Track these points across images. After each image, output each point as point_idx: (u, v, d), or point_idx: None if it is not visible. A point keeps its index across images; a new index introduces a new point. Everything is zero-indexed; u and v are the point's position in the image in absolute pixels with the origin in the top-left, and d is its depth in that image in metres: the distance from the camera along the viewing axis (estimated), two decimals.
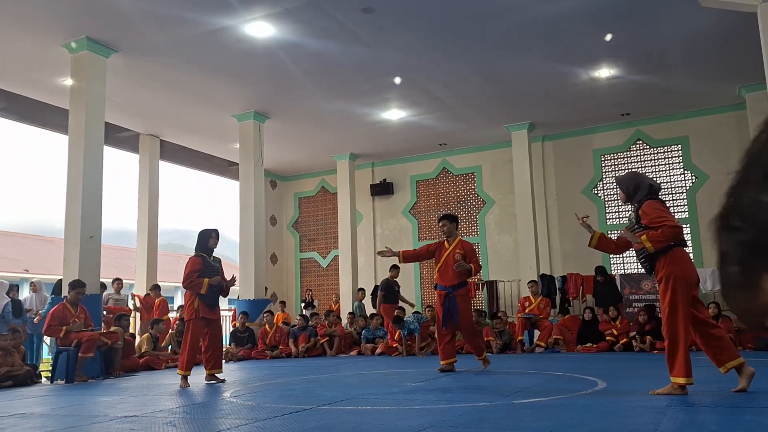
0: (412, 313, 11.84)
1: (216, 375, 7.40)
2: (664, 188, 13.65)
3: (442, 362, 7.74)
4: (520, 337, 11.37)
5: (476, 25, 9.28)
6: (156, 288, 13.24)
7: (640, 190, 5.22)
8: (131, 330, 11.81)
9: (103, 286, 11.04)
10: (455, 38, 9.68)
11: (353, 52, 9.99)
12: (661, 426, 3.66)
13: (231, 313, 15.50)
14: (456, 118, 13.35)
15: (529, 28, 9.44)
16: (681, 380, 4.83)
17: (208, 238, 7.35)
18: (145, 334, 10.81)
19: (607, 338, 10.99)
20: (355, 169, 16.28)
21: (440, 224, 8.02)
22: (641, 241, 4.95)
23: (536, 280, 12.70)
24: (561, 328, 11.57)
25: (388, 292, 12.57)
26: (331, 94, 11.76)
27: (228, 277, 7.47)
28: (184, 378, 7.12)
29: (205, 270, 7.12)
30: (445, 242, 7.84)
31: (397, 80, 11.18)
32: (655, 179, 5.39)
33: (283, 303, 14.93)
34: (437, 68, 10.81)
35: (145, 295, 13.16)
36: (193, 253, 7.44)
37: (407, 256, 8.04)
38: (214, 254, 7.48)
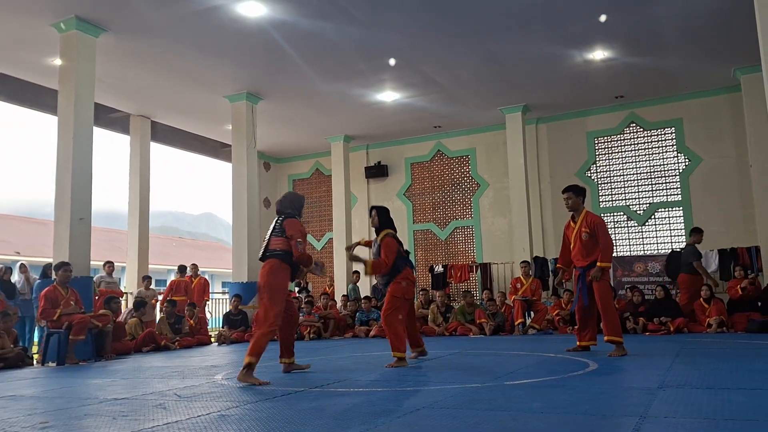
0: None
1: (419, 353, 7.07)
2: (658, 171, 13.67)
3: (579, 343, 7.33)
4: (520, 320, 11.30)
5: (472, 6, 9.18)
6: (182, 270, 13.42)
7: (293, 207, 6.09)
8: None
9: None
10: (450, 19, 9.58)
11: (347, 32, 9.89)
12: (652, 407, 3.66)
13: (225, 296, 15.50)
14: (450, 100, 13.28)
15: (524, 10, 9.35)
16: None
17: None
18: (133, 319, 10.78)
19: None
20: (350, 151, 16.21)
21: (564, 197, 7.20)
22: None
23: (529, 261, 12.69)
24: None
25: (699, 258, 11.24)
26: (325, 75, 11.66)
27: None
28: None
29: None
30: (570, 221, 7.23)
31: (392, 61, 11.09)
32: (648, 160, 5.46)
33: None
34: (432, 49, 10.72)
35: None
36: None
37: (564, 263, 7.38)
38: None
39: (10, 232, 26.27)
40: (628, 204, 13.92)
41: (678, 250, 11.87)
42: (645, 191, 13.79)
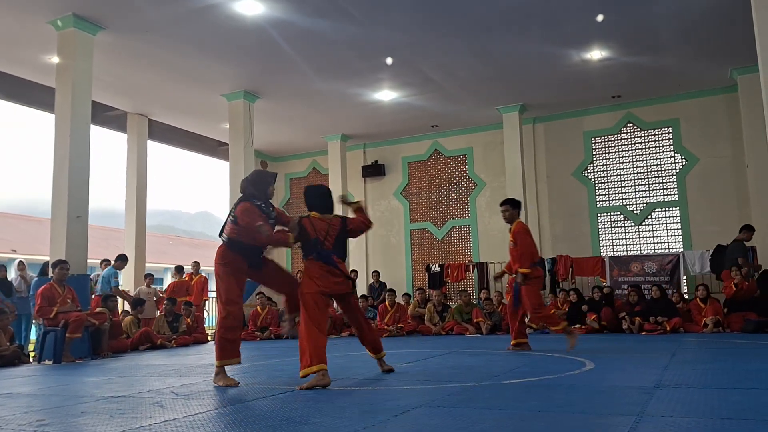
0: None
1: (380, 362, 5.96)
2: (654, 171, 13.69)
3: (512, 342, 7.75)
4: None
5: (469, 6, 9.19)
6: (179, 270, 13.39)
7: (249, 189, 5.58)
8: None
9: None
10: (448, 17, 9.58)
11: (345, 30, 9.88)
12: (648, 406, 3.67)
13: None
14: (448, 99, 13.28)
15: (522, 9, 9.36)
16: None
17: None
18: (129, 317, 10.78)
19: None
20: (347, 150, 16.20)
21: (501, 209, 7.73)
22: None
23: None
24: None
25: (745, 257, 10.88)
26: (323, 73, 11.66)
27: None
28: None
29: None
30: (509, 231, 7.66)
31: (389, 60, 11.09)
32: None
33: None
34: (429, 48, 10.72)
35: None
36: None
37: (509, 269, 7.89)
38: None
39: (7, 229, 26.21)
40: (624, 204, 13.94)
41: (724, 244, 11.45)
42: (642, 191, 13.81)
